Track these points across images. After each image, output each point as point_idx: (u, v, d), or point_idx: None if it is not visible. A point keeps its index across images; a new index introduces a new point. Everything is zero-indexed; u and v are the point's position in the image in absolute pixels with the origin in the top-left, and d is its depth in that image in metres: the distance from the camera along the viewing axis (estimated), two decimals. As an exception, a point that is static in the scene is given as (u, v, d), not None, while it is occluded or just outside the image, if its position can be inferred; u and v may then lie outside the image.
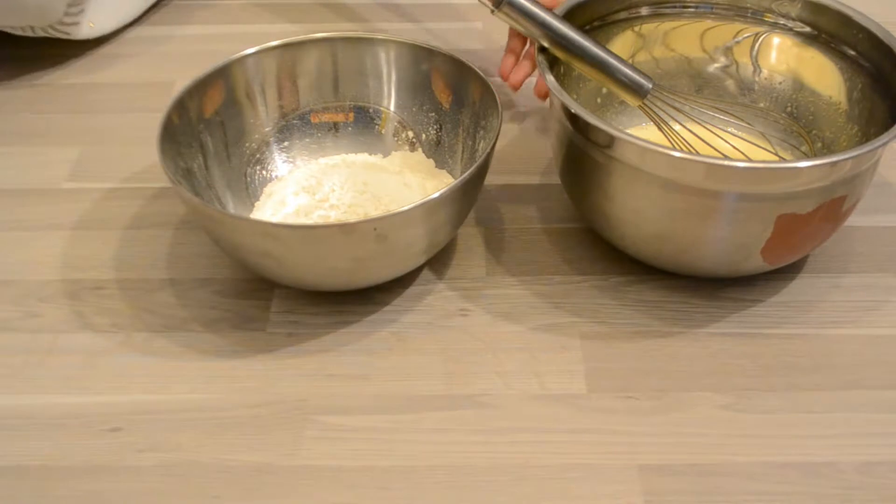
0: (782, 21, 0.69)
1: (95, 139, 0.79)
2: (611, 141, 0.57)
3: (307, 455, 0.55)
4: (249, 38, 0.72)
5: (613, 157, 0.58)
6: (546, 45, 0.61)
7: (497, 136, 0.62)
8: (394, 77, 0.72)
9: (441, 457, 0.55)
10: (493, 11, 0.60)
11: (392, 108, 0.72)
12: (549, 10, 0.61)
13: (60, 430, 0.57)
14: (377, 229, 0.56)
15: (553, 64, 0.63)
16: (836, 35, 0.67)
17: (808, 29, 0.68)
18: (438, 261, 0.67)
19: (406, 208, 0.56)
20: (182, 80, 0.67)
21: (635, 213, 0.60)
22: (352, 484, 0.54)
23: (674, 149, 0.60)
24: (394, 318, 0.63)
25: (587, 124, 0.58)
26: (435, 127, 0.71)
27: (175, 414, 0.57)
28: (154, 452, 0.55)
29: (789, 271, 0.66)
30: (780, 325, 0.62)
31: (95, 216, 0.72)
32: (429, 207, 0.57)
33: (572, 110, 0.58)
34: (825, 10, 0.67)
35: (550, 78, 0.60)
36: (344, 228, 0.57)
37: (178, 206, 0.72)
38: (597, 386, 0.59)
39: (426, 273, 0.66)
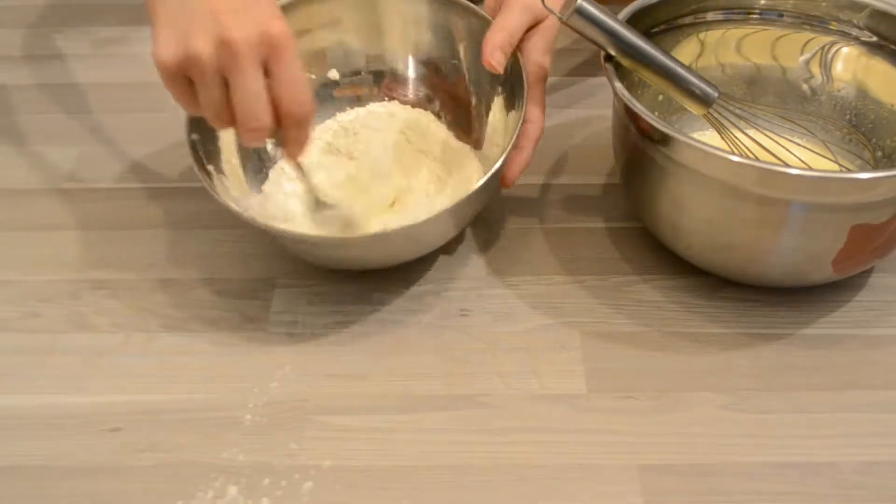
0: (848, 30, 0.69)
1: (95, 139, 0.79)
2: (693, 154, 0.57)
3: (307, 455, 0.55)
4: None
5: (690, 167, 0.58)
6: (613, 53, 0.61)
7: (525, 105, 0.62)
8: (415, 37, 0.72)
9: (441, 457, 0.55)
10: (561, 20, 0.60)
11: (412, 73, 0.73)
12: (616, 17, 0.61)
13: (60, 430, 0.57)
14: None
15: (617, 69, 0.62)
16: None
17: (874, 38, 0.68)
18: (438, 261, 0.67)
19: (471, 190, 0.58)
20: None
21: (707, 223, 0.60)
22: (352, 484, 0.54)
23: (758, 160, 0.58)
24: (394, 318, 0.63)
25: (664, 136, 0.57)
26: (462, 97, 0.71)
27: (175, 414, 0.57)
28: (154, 452, 0.55)
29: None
30: (781, 326, 0.62)
31: (95, 216, 0.72)
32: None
33: (655, 126, 0.57)
34: (891, 18, 0.67)
35: (620, 86, 0.60)
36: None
37: (178, 205, 0.72)
38: (597, 386, 0.59)
39: (426, 273, 0.66)
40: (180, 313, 0.64)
